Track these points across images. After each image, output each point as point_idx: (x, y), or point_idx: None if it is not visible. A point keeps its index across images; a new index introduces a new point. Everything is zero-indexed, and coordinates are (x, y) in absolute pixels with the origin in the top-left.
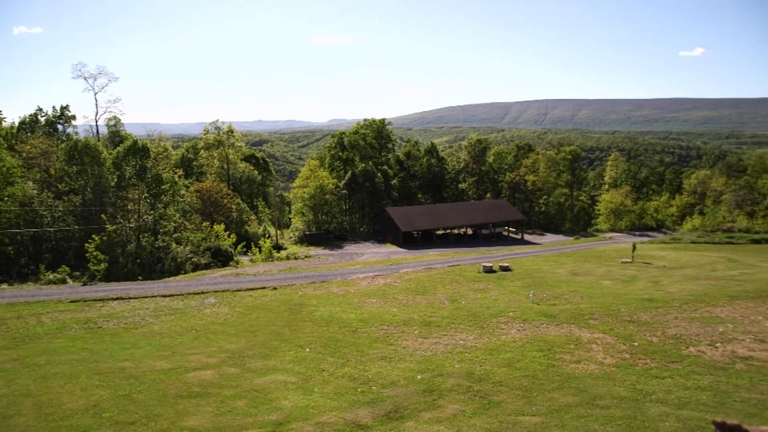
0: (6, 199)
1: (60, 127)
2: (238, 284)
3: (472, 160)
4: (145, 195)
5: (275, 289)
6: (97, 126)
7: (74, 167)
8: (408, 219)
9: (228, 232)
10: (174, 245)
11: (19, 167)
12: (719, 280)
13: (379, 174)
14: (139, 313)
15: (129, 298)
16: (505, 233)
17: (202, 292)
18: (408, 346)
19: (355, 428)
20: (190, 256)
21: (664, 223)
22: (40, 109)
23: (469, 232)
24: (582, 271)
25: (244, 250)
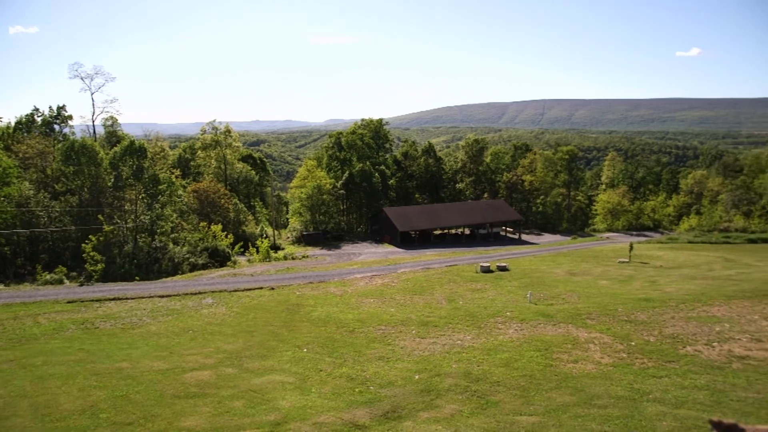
0: (2, 199)
1: (57, 127)
2: (235, 284)
3: (470, 160)
4: (142, 195)
5: (273, 289)
6: (93, 126)
7: (71, 167)
8: (405, 219)
9: (225, 233)
10: (171, 245)
11: (16, 167)
12: (716, 280)
13: (377, 174)
14: (136, 314)
15: (126, 299)
16: (503, 233)
17: (200, 293)
18: (405, 346)
19: (353, 428)
20: (187, 256)
21: (661, 223)
22: (37, 109)
23: (467, 232)
24: (579, 271)
25: (242, 250)
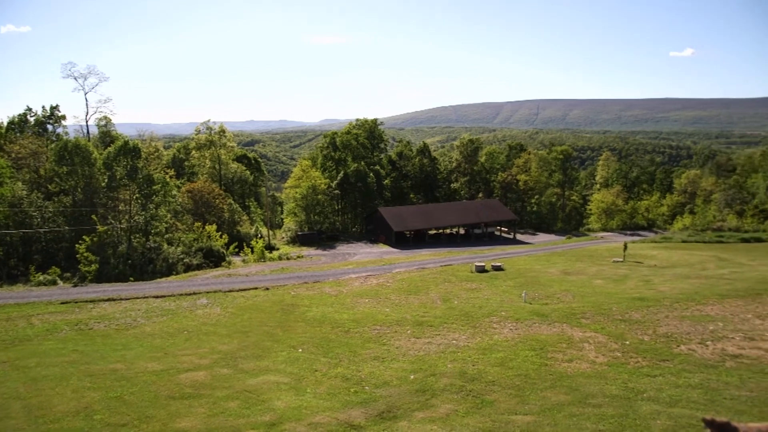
0: None
1: (50, 127)
2: (230, 285)
3: (464, 159)
4: (137, 195)
5: (267, 289)
6: (87, 126)
7: (64, 168)
8: (400, 219)
9: (220, 233)
10: (165, 246)
11: (8, 168)
12: (709, 279)
13: (372, 174)
14: (130, 315)
15: (120, 300)
16: (498, 233)
17: (194, 293)
18: (401, 346)
19: (348, 428)
20: (181, 256)
21: (655, 223)
22: (30, 109)
23: (462, 231)
24: (574, 271)
25: (236, 250)
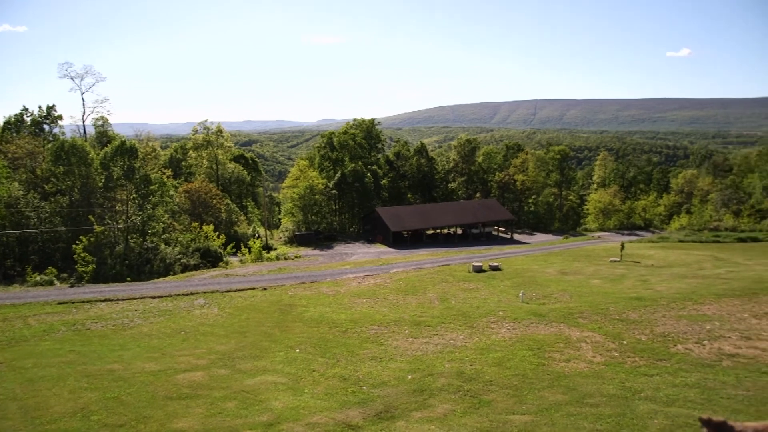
0: None
1: (46, 127)
2: (227, 285)
3: (462, 159)
4: (134, 196)
5: (265, 289)
6: (84, 126)
7: (61, 168)
8: (398, 219)
9: (217, 233)
10: (163, 246)
11: (5, 168)
12: (706, 279)
13: (369, 174)
14: (127, 315)
15: (117, 300)
16: (495, 233)
17: (192, 293)
18: (398, 346)
19: (346, 429)
20: (179, 257)
21: (652, 222)
22: (26, 109)
23: (459, 231)
24: (571, 270)
25: (234, 250)
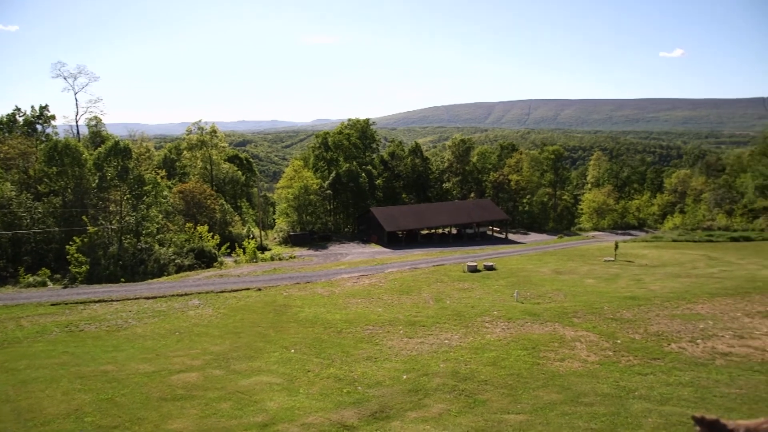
0: None
1: (39, 128)
2: (222, 285)
3: (456, 159)
4: (127, 196)
5: (260, 290)
6: (77, 126)
7: (54, 168)
8: (392, 219)
9: (212, 233)
10: (157, 247)
11: None
12: (699, 278)
13: (364, 174)
14: (121, 316)
15: (111, 301)
16: (490, 233)
17: (186, 294)
18: (393, 346)
19: (341, 429)
20: (173, 257)
21: (646, 222)
22: (18, 109)
23: (454, 231)
24: (565, 270)
25: (228, 251)
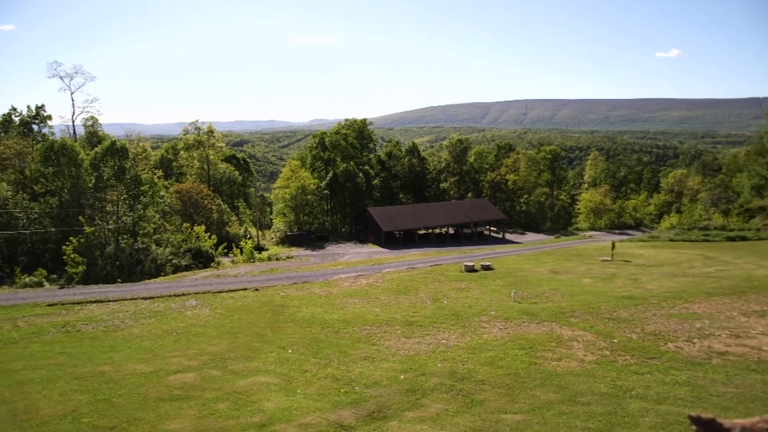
0: None
1: (35, 128)
2: (219, 286)
3: (453, 159)
4: (124, 196)
5: (257, 290)
6: (74, 126)
7: (50, 168)
8: (390, 219)
9: (209, 233)
10: (154, 247)
11: None
12: (696, 277)
13: (361, 174)
14: (118, 316)
15: (108, 301)
16: (487, 232)
17: (183, 294)
18: (391, 346)
19: (339, 429)
20: (170, 257)
21: (643, 222)
22: (14, 109)
23: (451, 231)
24: (562, 270)
25: (225, 251)
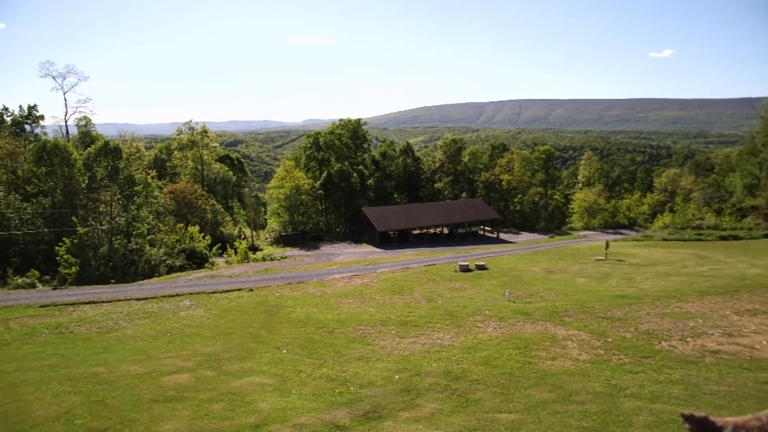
0: None
1: (27, 128)
2: (213, 286)
3: (448, 159)
4: (118, 197)
5: (251, 290)
6: (66, 126)
7: (43, 168)
8: (384, 219)
9: (203, 234)
10: (147, 247)
11: None
12: (689, 276)
13: (355, 174)
14: (112, 317)
15: (101, 302)
16: (481, 232)
17: (177, 295)
18: (385, 346)
19: (333, 429)
20: (164, 258)
21: (636, 221)
22: (6, 109)
23: (445, 231)
24: (557, 269)
25: (220, 251)
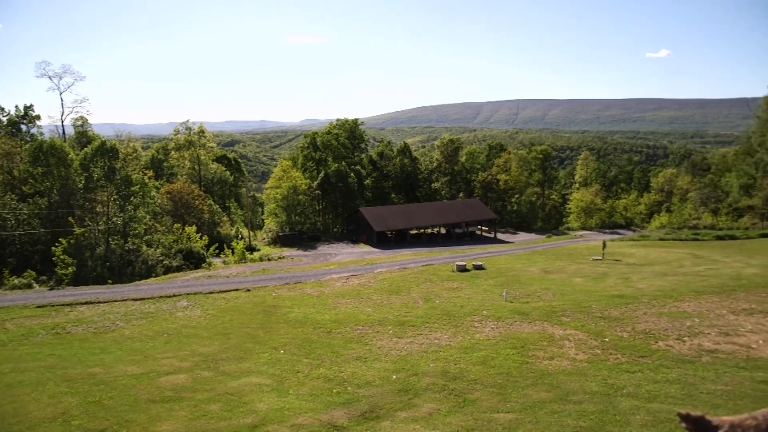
0: None
1: (24, 128)
2: (210, 286)
3: (445, 159)
4: (114, 197)
5: (248, 290)
6: (63, 126)
7: (39, 169)
8: (381, 219)
9: (200, 234)
10: (144, 248)
11: None
12: (686, 276)
13: (353, 174)
14: (109, 318)
15: (98, 302)
16: (478, 232)
17: (174, 295)
18: (383, 346)
19: (331, 429)
20: (161, 258)
21: (633, 221)
22: (2, 109)
23: (443, 231)
24: (554, 269)
25: (217, 251)
